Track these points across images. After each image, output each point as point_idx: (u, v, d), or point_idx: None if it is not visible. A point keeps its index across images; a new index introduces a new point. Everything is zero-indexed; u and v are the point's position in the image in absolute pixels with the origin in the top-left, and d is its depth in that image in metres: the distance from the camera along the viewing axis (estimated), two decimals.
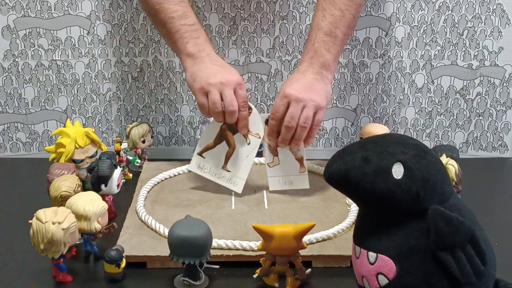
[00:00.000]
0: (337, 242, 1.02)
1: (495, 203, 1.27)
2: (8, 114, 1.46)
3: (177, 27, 1.17)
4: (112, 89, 1.47)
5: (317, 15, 1.18)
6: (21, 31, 1.41)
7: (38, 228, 0.90)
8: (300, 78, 1.14)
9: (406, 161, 0.77)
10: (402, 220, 0.77)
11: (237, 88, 1.11)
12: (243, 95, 1.11)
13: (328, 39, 1.16)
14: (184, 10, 1.18)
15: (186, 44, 1.16)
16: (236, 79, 1.11)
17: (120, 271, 0.95)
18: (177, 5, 1.17)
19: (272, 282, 0.94)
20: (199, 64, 1.14)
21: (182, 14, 1.17)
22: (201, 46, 1.16)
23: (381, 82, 1.47)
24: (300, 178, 1.19)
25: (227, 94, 1.10)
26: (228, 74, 1.12)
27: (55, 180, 1.06)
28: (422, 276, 0.76)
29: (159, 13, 1.18)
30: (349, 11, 1.18)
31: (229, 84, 1.10)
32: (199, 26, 1.18)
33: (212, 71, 1.12)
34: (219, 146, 1.18)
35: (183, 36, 1.16)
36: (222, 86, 1.10)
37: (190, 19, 1.17)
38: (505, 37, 1.42)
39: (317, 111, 1.11)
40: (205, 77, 1.11)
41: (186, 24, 1.17)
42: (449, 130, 1.50)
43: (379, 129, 1.23)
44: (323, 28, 1.16)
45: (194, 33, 1.17)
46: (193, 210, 1.13)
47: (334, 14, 1.17)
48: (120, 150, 1.31)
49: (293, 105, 1.10)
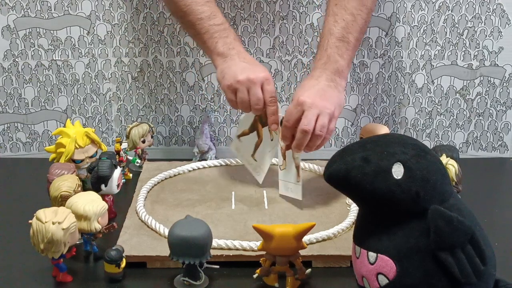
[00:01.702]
0: (337, 242, 1.02)
1: (495, 203, 1.27)
2: (8, 114, 1.46)
3: (206, 27, 1.18)
4: (112, 89, 1.47)
5: (329, 20, 1.17)
6: (21, 31, 1.40)
7: (38, 228, 0.90)
8: (314, 85, 1.13)
9: (406, 161, 0.77)
10: (402, 220, 0.78)
11: (264, 84, 1.12)
12: (270, 90, 1.12)
13: (340, 45, 1.15)
14: (212, 11, 1.18)
15: (216, 43, 1.17)
16: (263, 75, 1.12)
17: (120, 271, 0.95)
18: (204, 5, 1.18)
19: (272, 282, 0.94)
20: (228, 62, 1.16)
21: (210, 14, 1.18)
22: (231, 44, 1.17)
23: (381, 82, 1.47)
24: (296, 188, 1.17)
25: (254, 92, 1.11)
26: (256, 71, 1.13)
27: (55, 180, 1.06)
28: (422, 276, 0.76)
29: (187, 15, 1.19)
30: (361, 15, 1.17)
31: (256, 80, 1.11)
32: (227, 25, 1.19)
33: (239, 69, 1.13)
34: (252, 134, 1.21)
35: (212, 36, 1.17)
36: (249, 83, 1.11)
37: (218, 18, 1.18)
38: (505, 37, 1.42)
39: (331, 119, 1.10)
40: (233, 74, 1.13)
41: (215, 24, 1.18)
42: (449, 130, 1.50)
43: (379, 129, 1.23)
44: (335, 33, 1.16)
45: (223, 33, 1.18)
46: (193, 210, 1.13)
47: (346, 19, 1.16)
48: (120, 150, 1.31)
49: (309, 111, 1.08)
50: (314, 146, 1.11)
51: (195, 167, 1.32)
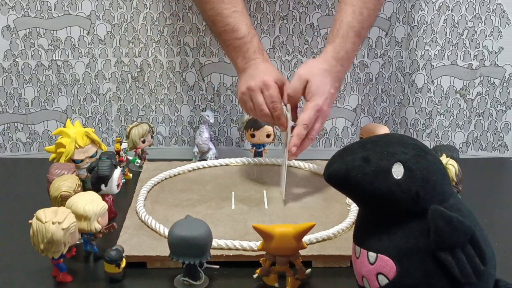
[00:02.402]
0: (337, 242, 1.02)
1: (495, 203, 1.27)
2: (8, 114, 1.46)
3: (229, 41, 1.18)
4: (112, 89, 1.47)
5: (346, 10, 1.16)
6: (21, 31, 1.41)
7: (38, 228, 0.90)
8: (328, 86, 1.12)
9: (406, 161, 0.77)
10: (402, 220, 0.78)
11: (263, 90, 1.12)
12: (270, 95, 1.11)
13: (357, 41, 1.17)
14: (236, 23, 1.17)
15: (237, 59, 1.18)
16: (260, 81, 1.12)
17: (120, 271, 0.95)
18: (229, 17, 1.17)
19: (272, 282, 0.94)
20: (242, 77, 1.17)
21: (232, 27, 1.17)
22: (248, 59, 1.17)
23: (381, 82, 1.47)
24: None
25: (255, 100, 1.12)
26: (256, 78, 1.13)
27: (55, 180, 1.06)
28: (422, 276, 0.76)
29: (214, 25, 1.20)
30: (375, 11, 1.19)
31: (254, 87, 1.12)
32: (249, 38, 1.17)
33: (244, 81, 1.15)
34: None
35: (234, 50, 1.18)
36: (249, 92, 1.13)
37: (240, 32, 1.17)
38: (505, 37, 1.42)
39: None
40: (239, 86, 1.16)
41: (236, 38, 1.17)
42: (449, 130, 1.50)
43: (379, 129, 1.23)
44: (354, 27, 1.16)
45: (243, 47, 1.17)
46: (193, 210, 1.13)
47: (363, 13, 1.16)
48: (120, 150, 1.31)
49: (319, 121, 1.12)
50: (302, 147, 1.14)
51: (195, 167, 1.32)
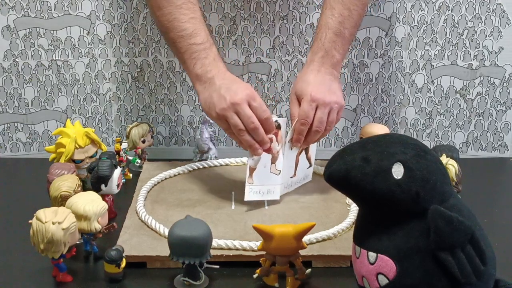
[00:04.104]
0: (337, 242, 1.02)
1: (495, 203, 1.27)
2: (8, 114, 1.46)
3: (186, 46, 1.13)
4: (112, 89, 1.47)
5: (326, 13, 1.17)
6: (21, 31, 1.40)
7: (38, 228, 0.90)
8: (319, 79, 1.13)
9: (406, 161, 0.77)
10: (402, 220, 0.78)
11: (251, 102, 1.07)
12: (258, 105, 1.07)
13: (337, 39, 1.16)
14: (194, 28, 1.13)
15: (194, 65, 1.13)
16: (245, 93, 1.07)
17: (120, 271, 0.95)
18: (187, 22, 1.13)
19: (272, 282, 0.94)
20: (208, 89, 1.11)
21: (191, 32, 1.13)
22: (209, 66, 1.12)
23: (381, 82, 1.47)
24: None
25: (243, 113, 1.06)
26: (237, 92, 1.07)
27: (55, 180, 1.06)
28: (422, 276, 0.76)
29: (169, 31, 1.15)
30: (357, 10, 1.17)
31: (241, 101, 1.06)
32: (208, 44, 1.14)
33: (221, 94, 1.08)
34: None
35: (191, 56, 1.13)
36: (235, 106, 1.06)
37: (199, 37, 1.13)
38: (505, 37, 1.42)
39: (339, 110, 1.14)
40: (217, 103, 1.08)
41: (195, 43, 1.13)
42: (449, 130, 1.50)
43: (379, 129, 1.23)
44: (332, 27, 1.16)
45: (202, 53, 1.13)
46: (193, 210, 1.13)
47: (343, 13, 1.16)
48: (120, 150, 1.31)
49: (321, 109, 1.10)
50: (320, 139, 1.16)
51: (195, 167, 1.32)
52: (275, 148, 1.12)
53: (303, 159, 1.20)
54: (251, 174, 1.12)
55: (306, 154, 1.21)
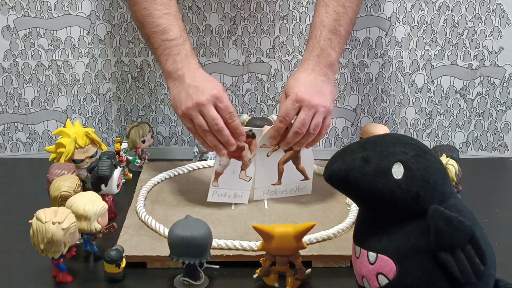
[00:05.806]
0: (337, 242, 1.02)
1: (495, 203, 1.27)
2: (8, 114, 1.46)
3: (158, 42, 1.12)
4: (112, 89, 1.47)
5: (320, 11, 1.16)
6: (21, 31, 1.40)
7: (38, 228, 0.90)
8: (310, 80, 1.11)
9: (406, 161, 0.77)
10: (402, 220, 0.78)
11: (217, 102, 1.05)
12: (224, 107, 1.06)
13: (333, 37, 1.14)
14: (167, 24, 1.12)
15: (166, 61, 1.12)
16: (211, 94, 1.05)
17: (120, 271, 0.95)
18: (161, 18, 1.12)
19: (272, 282, 0.94)
20: (178, 86, 1.10)
21: (164, 28, 1.12)
22: (180, 63, 1.11)
23: (381, 82, 1.47)
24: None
25: (207, 114, 1.05)
26: (204, 92, 1.06)
27: (55, 180, 1.06)
28: (422, 276, 0.76)
29: (144, 27, 1.14)
30: (351, 7, 1.16)
31: (206, 102, 1.05)
32: (181, 40, 1.12)
33: (188, 93, 1.07)
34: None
35: (163, 53, 1.12)
36: (199, 106, 1.05)
37: (171, 33, 1.12)
38: (505, 37, 1.42)
39: (326, 116, 1.10)
40: (183, 101, 1.07)
41: (167, 39, 1.11)
42: (449, 130, 1.50)
43: (379, 129, 1.23)
44: (327, 25, 1.14)
45: (174, 49, 1.11)
46: (193, 210, 1.13)
47: (337, 11, 1.15)
48: (120, 150, 1.31)
49: (305, 110, 1.07)
50: (305, 143, 1.11)
51: (195, 167, 1.32)
52: (246, 156, 1.12)
53: (293, 170, 1.16)
54: (216, 178, 1.13)
55: (297, 166, 1.16)
